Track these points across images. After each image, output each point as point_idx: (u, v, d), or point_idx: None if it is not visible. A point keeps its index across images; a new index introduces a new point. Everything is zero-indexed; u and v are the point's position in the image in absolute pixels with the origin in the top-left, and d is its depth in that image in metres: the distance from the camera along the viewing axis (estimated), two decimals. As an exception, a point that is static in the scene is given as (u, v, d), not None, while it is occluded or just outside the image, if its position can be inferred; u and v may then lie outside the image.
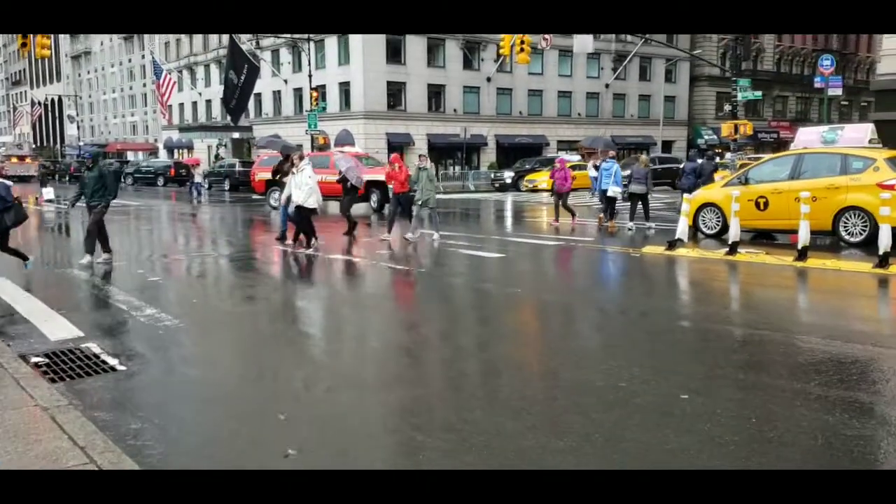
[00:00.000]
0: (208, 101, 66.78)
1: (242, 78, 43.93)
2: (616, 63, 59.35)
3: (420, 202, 15.05)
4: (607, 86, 59.58)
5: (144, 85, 78.76)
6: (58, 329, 7.85)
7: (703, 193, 15.21)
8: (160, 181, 50.40)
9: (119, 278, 11.28)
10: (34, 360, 6.77)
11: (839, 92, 33.02)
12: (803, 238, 11.15)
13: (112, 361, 6.67)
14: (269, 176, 24.85)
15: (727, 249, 11.94)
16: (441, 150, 52.08)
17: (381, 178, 22.61)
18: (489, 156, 54.43)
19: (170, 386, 6.06)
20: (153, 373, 6.40)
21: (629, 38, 58.55)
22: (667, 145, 61.37)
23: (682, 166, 24.42)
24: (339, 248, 14.31)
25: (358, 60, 49.60)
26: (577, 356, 6.48)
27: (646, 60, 61.51)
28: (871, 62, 78.69)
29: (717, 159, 25.56)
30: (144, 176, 52.06)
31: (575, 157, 46.92)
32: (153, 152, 77.14)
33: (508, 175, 41.40)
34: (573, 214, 19.34)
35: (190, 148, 69.46)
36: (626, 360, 6.12)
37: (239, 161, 49.35)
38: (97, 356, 6.85)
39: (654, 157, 40.61)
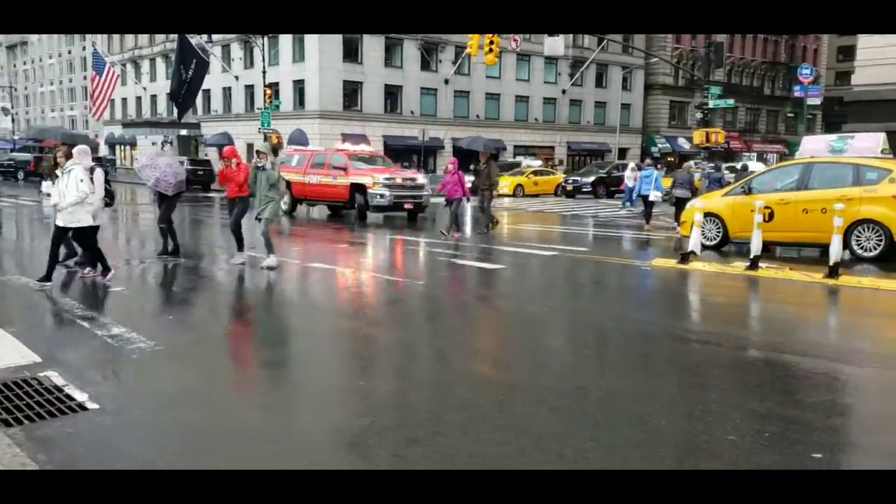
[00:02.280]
0: (153, 97, 64.27)
1: (190, 73, 42.00)
2: (573, 69, 59.05)
3: (259, 215, 11.56)
4: (564, 91, 59.23)
5: (85, 78, 75.58)
6: (8, 352, 6.54)
7: (703, 202, 14.43)
8: (20, 175, 46.84)
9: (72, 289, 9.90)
10: (-20, 394, 5.50)
11: (818, 101, 32.96)
12: (835, 253, 10.41)
13: (80, 396, 5.43)
14: (290, 176, 22.40)
15: (748, 264, 11.13)
16: (398, 153, 50.76)
17: (366, 180, 20.47)
18: (446, 159, 53.26)
19: (158, 431, 4.85)
20: (135, 413, 5.17)
21: (586, 43, 58.38)
22: (621, 153, 61.33)
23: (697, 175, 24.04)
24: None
25: (313, 58, 48.11)
26: (651, 392, 5.48)
27: (602, 67, 61.41)
28: (818, 76, 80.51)
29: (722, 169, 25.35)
30: (6, 170, 47.76)
31: (536, 163, 46.44)
32: (94, 148, 74.01)
33: (469, 179, 40.41)
34: (457, 227, 16.82)
35: (133, 144, 66.75)
36: (716, 404, 5.16)
37: (188, 159, 47.33)
38: (60, 389, 5.60)
39: (619, 164, 40.21)
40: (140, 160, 13.29)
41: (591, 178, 36.43)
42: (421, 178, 22.41)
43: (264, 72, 43.28)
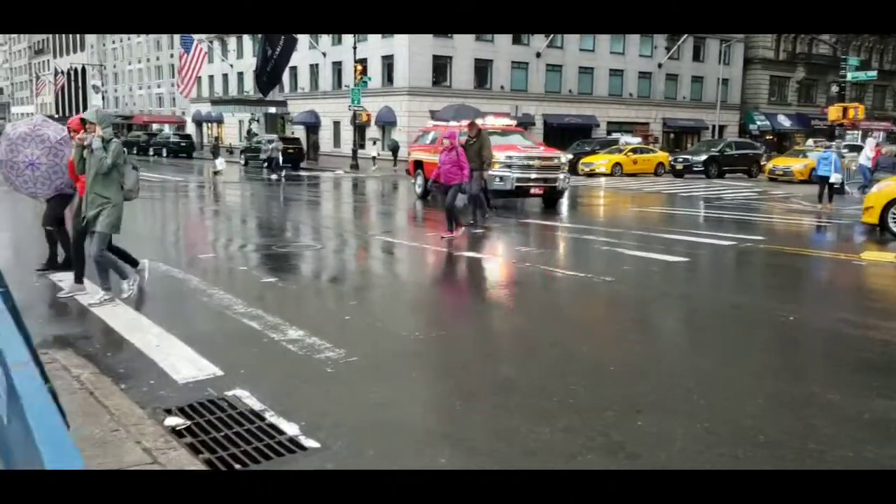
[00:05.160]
0: (240, 74, 64.20)
1: (278, 50, 41.68)
2: (670, 42, 56.28)
3: (85, 221, 7.22)
4: (660, 65, 56.50)
5: (172, 56, 76.15)
6: (181, 362, 5.52)
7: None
8: None
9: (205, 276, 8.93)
10: (170, 421, 4.43)
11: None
12: None
13: (289, 428, 4.33)
14: (423, 156, 20.23)
15: None
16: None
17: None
18: (536, 136, 51.47)
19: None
20: (369, 456, 4.02)
21: (685, 15, 55.46)
22: (719, 131, 58.31)
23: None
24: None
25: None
26: None
27: (700, 40, 58.40)
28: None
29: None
30: None
31: (635, 140, 44.35)
32: (181, 126, 74.84)
33: (566, 157, 38.68)
34: (455, 223, 12.32)
35: (220, 122, 67.14)
36: None
37: (278, 137, 46.99)
38: (261, 416, 4.52)
39: (732, 142, 37.88)
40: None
41: (703, 157, 34.30)
42: (558, 158, 18.82)
43: (355, 47, 42.37)
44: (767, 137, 60.93)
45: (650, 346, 6.38)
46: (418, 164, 20.87)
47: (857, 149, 34.16)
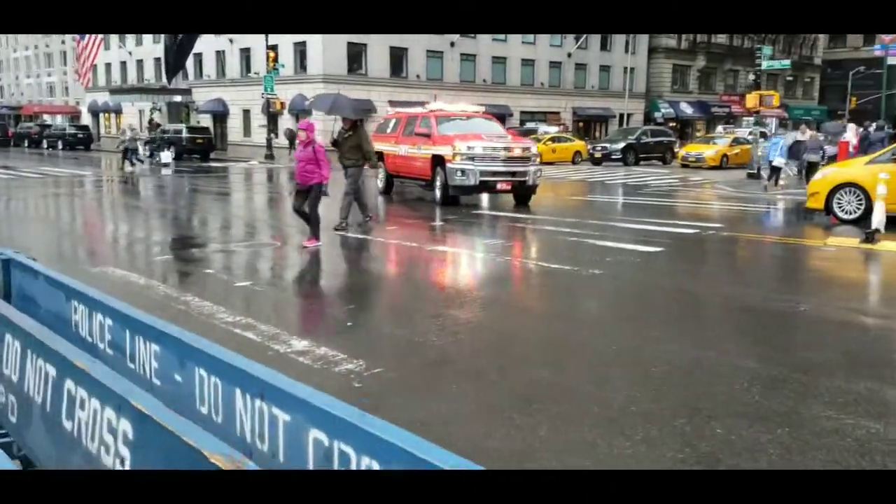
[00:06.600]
0: (139, 62, 61.27)
1: (180, 35, 39.90)
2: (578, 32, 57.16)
3: None
4: (569, 55, 57.36)
5: (63, 42, 72.00)
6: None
7: (840, 171, 13.03)
8: None
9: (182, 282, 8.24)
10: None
11: (897, 61, 31.53)
12: None
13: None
14: (385, 147, 18.14)
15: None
16: (403, 119, 48.77)
17: (446, 151, 15.88)
18: (452, 126, 51.45)
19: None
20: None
21: (593, 5, 56.35)
22: (627, 119, 59.75)
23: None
24: None
25: (315, 19, 45.67)
26: None
27: (607, 30, 59.56)
28: (815, 39, 79.42)
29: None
30: None
31: (553, 129, 44.92)
32: (75, 116, 70.92)
33: (536, 148, 38.85)
34: (315, 231, 10.64)
35: (118, 112, 63.95)
36: None
37: (185, 127, 45.19)
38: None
39: (647, 130, 38.78)
40: None
41: (621, 145, 35.00)
42: (529, 149, 17.03)
43: (266, 34, 41.01)
44: (671, 124, 62.85)
45: (678, 343, 6.13)
46: (379, 157, 17.27)
47: (762, 136, 35.58)
